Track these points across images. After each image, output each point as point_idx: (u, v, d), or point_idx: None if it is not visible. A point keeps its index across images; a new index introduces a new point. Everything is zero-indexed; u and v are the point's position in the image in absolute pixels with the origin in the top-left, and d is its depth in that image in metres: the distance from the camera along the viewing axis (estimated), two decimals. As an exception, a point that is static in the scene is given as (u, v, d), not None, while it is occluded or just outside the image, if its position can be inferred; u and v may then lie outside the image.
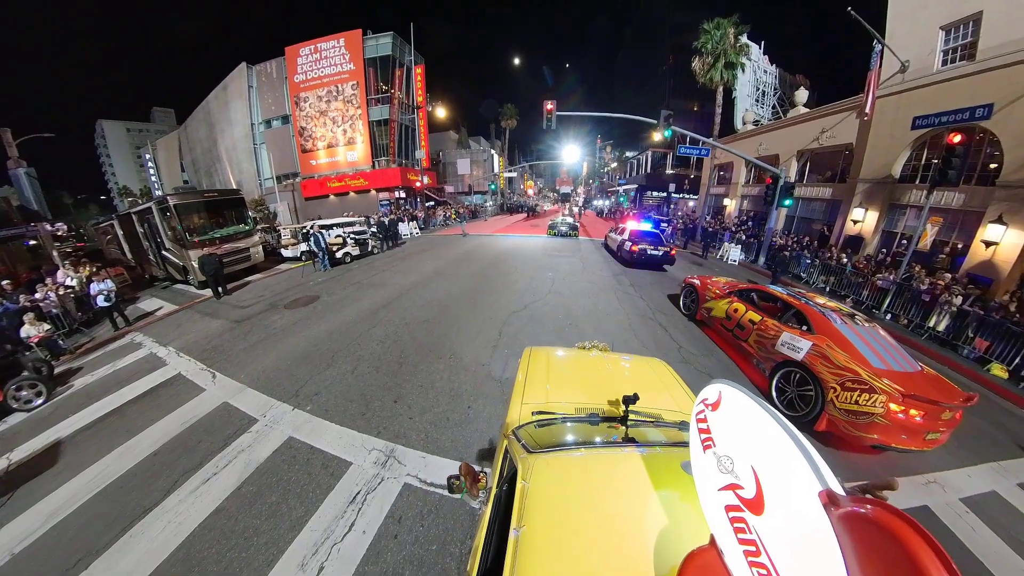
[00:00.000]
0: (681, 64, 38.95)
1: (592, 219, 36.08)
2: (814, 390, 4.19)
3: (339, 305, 7.97)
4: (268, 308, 8.24)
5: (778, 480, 0.76)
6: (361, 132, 27.26)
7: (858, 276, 9.78)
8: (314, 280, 10.59)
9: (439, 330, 6.27)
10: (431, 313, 7.18)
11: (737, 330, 5.78)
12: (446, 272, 11.09)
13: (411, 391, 4.37)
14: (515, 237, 20.27)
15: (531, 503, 1.24)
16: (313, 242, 11.64)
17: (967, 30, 8.99)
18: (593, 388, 2.53)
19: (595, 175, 59.17)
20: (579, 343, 3.45)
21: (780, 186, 11.42)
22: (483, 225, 27.56)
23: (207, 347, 6.30)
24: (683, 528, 1.11)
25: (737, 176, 20.53)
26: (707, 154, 13.55)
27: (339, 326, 6.65)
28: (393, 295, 8.57)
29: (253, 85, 29.86)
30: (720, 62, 18.82)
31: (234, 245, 11.18)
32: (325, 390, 4.52)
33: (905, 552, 0.56)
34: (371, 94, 26.81)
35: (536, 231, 23.24)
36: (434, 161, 40.53)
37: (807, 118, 14.93)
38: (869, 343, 4.17)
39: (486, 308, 7.53)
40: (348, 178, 28.15)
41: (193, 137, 38.05)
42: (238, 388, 4.80)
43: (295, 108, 28.22)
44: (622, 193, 43.86)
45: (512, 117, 47.15)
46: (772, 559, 0.75)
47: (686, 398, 2.49)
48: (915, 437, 3.52)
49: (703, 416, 1.01)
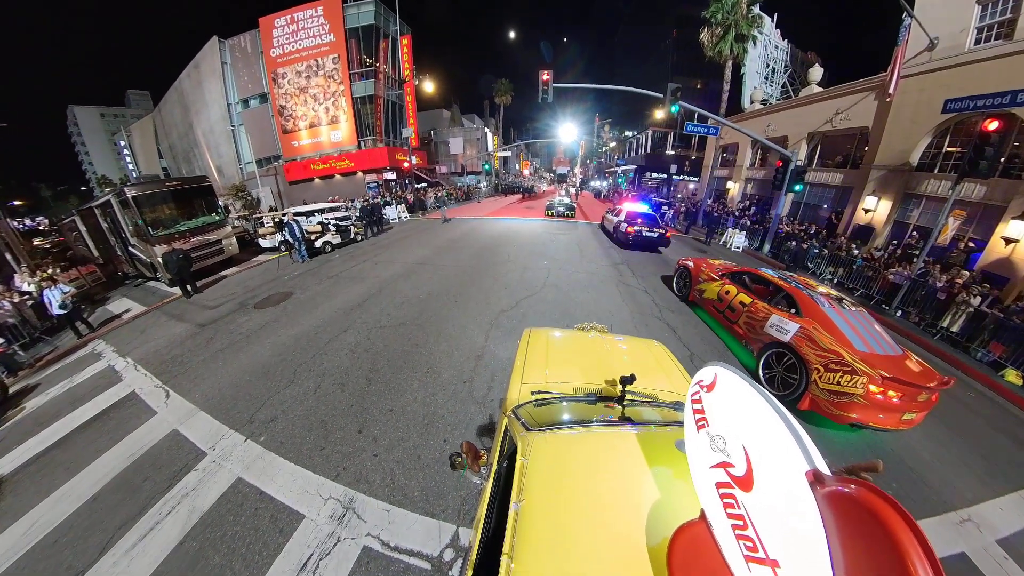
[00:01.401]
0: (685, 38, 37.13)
1: (589, 200, 35.19)
2: (799, 370, 4.39)
3: (311, 304, 7.47)
4: (237, 308, 7.72)
5: (768, 459, 0.81)
6: (344, 110, 25.88)
7: (869, 269, 9.37)
8: (290, 273, 10.02)
9: (417, 336, 5.77)
10: (409, 313, 6.66)
11: (728, 312, 5.98)
12: (432, 262, 10.51)
13: (378, 417, 3.92)
14: (509, 220, 19.52)
15: (530, 478, 1.30)
16: (288, 232, 10.92)
17: (1006, 6, 8.25)
18: (591, 369, 2.60)
19: (593, 155, 57.70)
20: (578, 324, 3.50)
21: (791, 170, 10.75)
22: (476, 207, 26.46)
23: (167, 357, 5.85)
24: (675, 503, 1.17)
25: (742, 158, 19.77)
26: (716, 133, 12.77)
27: (308, 330, 6.17)
28: (371, 290, 8.05)
29: (227, 62, 28.07)
30: (730, 34, 17.71)
31: (204, 238, 10.51)
32: (283, 415, 4.08)
33: (884, 530, 0.59)
34: (354, 68, 25.30)
35: (532, 213, 22.45)
36: (425, 140, 39.05)
37: (821, 98, 14.08)
38: (854, 327, 4.38)
39: (472, 306, 7.00)
40: (333, 160, 26.97)
41: (168, 121, 36.11)
42: (190, 411, 4.37)
43: (273, 85, 26.67)
44: (620, 174, 42.76)
45: (507, 93, 45.29)
46: (758, 533, 0.81)
47: (682, 379, 2.57)
48: (892, 417, 3.75)
49: (698, 397, 1.06)
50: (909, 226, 10.72)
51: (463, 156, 39.40)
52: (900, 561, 0.57)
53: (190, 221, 10.39)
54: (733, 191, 20.63)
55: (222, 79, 28.03)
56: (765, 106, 18.71)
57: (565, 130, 40.76)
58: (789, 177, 10.82)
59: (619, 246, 12.95)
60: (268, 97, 27.32)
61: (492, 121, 50.23)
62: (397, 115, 28.06)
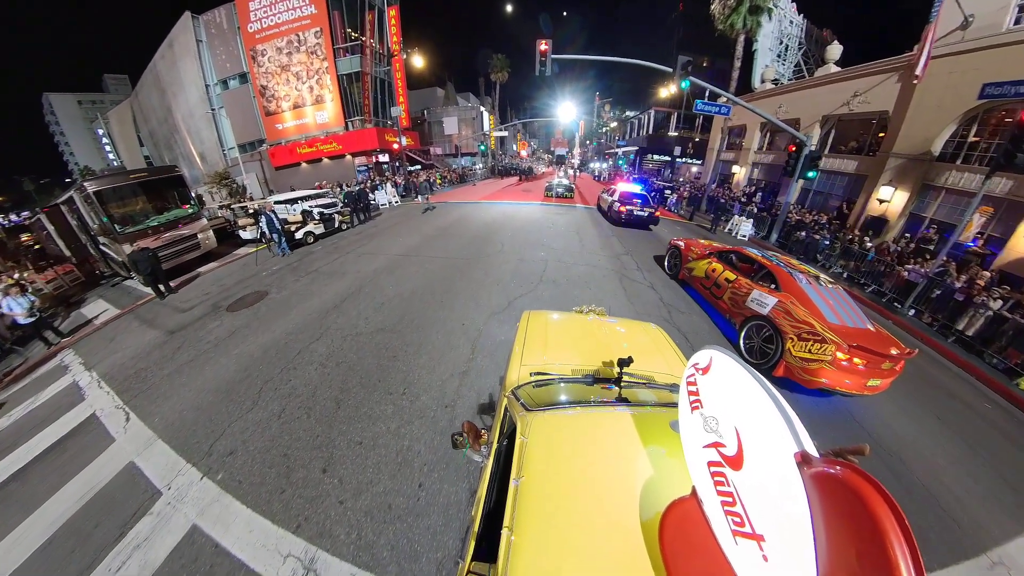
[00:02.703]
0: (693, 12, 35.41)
1: (588, 182, 34.39)
2: (775, 340, 4.79)
3: (286, 305, 7.10)
4: (209, 311, 7.35)
5: (759, 440, 0.85)
6: (330, 88, 24.71)
7: (881, 264, 9.01)
8: (269, 269, 9.58)
9: (395, 345, 5.38)
10: (389, 317, 6.26)
11: (714, 288, 6.41)
12: (419, 253, 10.06)
13: (346, 452, 3.60)
14: (505, 205, 18.89)
15: (529, 456, 1.38)
16: (265, 224, 10.33)
17: (1053, -19, 7.57)
18: (589, 351, 2.66)
19: (592, 135, 56.24)
20: (576, 307, 3.54)
21: (804, 155, 10.16)
22: (470, 191, 25.67)
23: (131, 371, 5.53)
24: (667, 480, 1.24)
25: (750, 141, 19.05)
26: (727, 113, 12.06)
27: (278, 338, 5.80)
28: (350, 289, 7.64)
29: (202, 39, 26.55)
30: (744, 5, 16.61)
31: (177, 233, 10.00)
32: (243, 446, 3.77)
33: (867, 510, 0.63)
34: (338, 43, 24.00)
35: (529, 196, 21.77)
36: (418, 120, 37.73)
37: (838, 78, 13.34)
38: (828, 301, 4.76)
39: (460, 306, 6.61)
40: (319, 143, 25.97)
41: (146, 106, 34.48)
42: (148, 439, 4.07)
43: (252, 64, 25.35)
44: (621, 155, 41.76)
45: (503, 69, 43.50)
46: (746, 509, 0.87)
47: (678, 362, 2.65)
48: (857, 382, 4.15)
49: (693, 379, 1.12)
50: (926, 219, 10.28)
51: (458, 136, 38.15)
52: (880, 540, 0.60)
53: (161, 215, 9.86)
54: (739, 175, 20.00)
55: (198, 58, 26.60)
56: (777, 86, 17.86)
57: (564, 109, 39.42)
58: (802, 163, 10.25)
59: (612, 223, 14.13)
60: (248, 77, 26.04)
61: (488, 100, 48.49)
62: (386, 93, 26.86)
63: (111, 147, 40.67)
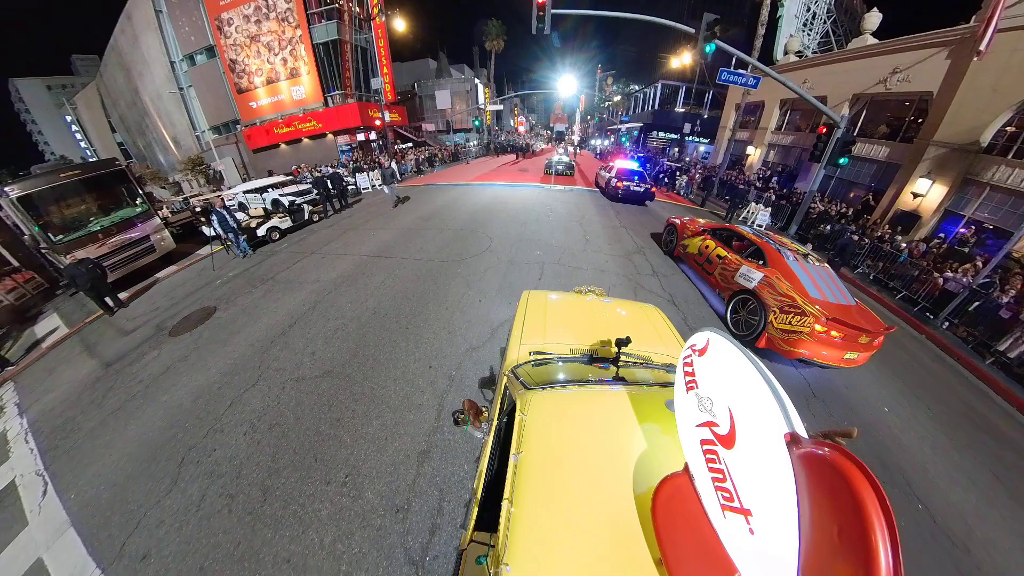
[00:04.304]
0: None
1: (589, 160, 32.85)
2: (759, 313, 5.10)
3: (229, 330, 6.27)
4: (152, 334, 6.62)
5: (751, 420, 0.91)
6: (305, 60, 22.95)
7: (915, 268, 8.15)
8: (225, 275, 8.70)
9: (341, 400, 4.45)
10: (340, 352, 5.31)
11: (706, 264, 6.77)
12: (391, 253, 9.03)
13: (271, 574, 2.87)
14: (498, 187, 17.63)
15: (528, 433, 1.47)
16: (217, 222, 9.25)
17: None
18: (588, 330, 2.75)
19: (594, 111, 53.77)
20: (576, 287, 3.62)
21: (837, 139, 8.94)
22: (462, 171, 24.05)
23: (59, 421, 4.88)
24: (661, 457, 1.34)
25: (767, 119, 17.70)
26: (755, 85, 10.61)
27: (212, 381, 5.03)
28: (303, 306, 6.74)
29: (162, 9, 24.42)
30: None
31: (125, 237, 9.08)
32: (156, 548, 3.13)
33: (850, 489, 0.68)
34: (311, 7, 22.03)
35: (526, 177, 20.44)
36: (408, 95, 35.67)
37: (876, 51, 11.90)
38: (812, 277, 5.02)
39: (428, 337, 5.57)
40: (298, 121, 24.45)
41: (113, 88, 32.34)
42: (61, 526, 3.44)
43: (219, 35, 23.44)
44: (624, 132, 39.87)
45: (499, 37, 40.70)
46: (736, 485, 0.94)
47: (675, 342, 2.77)
48: (835, 354, 4.47)
49: (690, 360, 1.18)
50: (964, 218, 9.33)
51: (451, 111, 36.16)
52: (861, 517, 0.65)
53: (105, 218, 8.94)
54: (753, 157, 18.76)
55: (159, 31, 24.58)
56: (801, 59, 16.28)
57: (564, 83, 37.19)
58: (833, 147, 9.03)
59: (609, 199, 14.79)
60: (215, 50, 24.15)
61: (483, 72, 45.79)
62: (368, 64, 24.99)
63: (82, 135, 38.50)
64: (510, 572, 1.11)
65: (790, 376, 5.04)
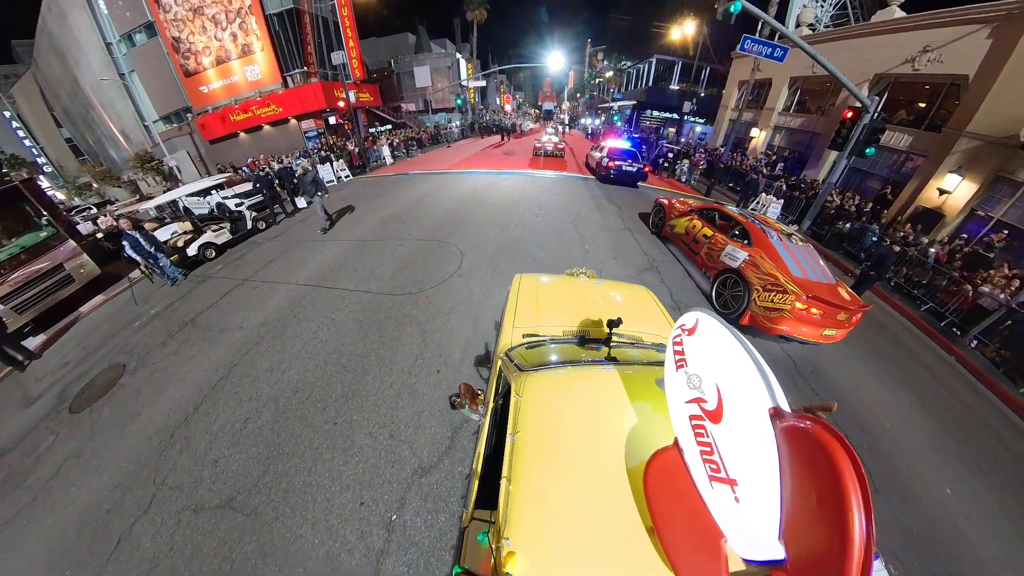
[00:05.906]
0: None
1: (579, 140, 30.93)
2: (743, 292, 5.32)
3: (130, 409, 4.94)
4: (53, 408, 5.33)
5: (737, 396, 0.99)
6: (257, 34, 20.69)
7: (943, 276, 7.14)
8: (146, 312, 7.31)
9: (244, 554, 3.08)
10: (247, 464, 3.83)
11: (693, 244, 6.88)
12: (333, 282, 7.28)
13: None
14: (479, 175, 16.00)
15: (523, 413, 1.58)
16: (130, 248, 7.63)
17: None
18: (580, 312, 2.89)
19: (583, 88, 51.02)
20: (568, 270, 3.90)
21: (864, 125, 7.63)
22: (441, 155, 21.98)
23: None
24: (652, 433, 1.44)
25: (774, 99, 16.09)
26: (782, 58, 9.22)
27: (101, 497, 3.80)
28: (216, 374, 5.22)
29: (87, -23, 21.72)
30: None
31: (31, 269, 7.73)
32: None
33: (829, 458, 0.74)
34: (258, -26, 19.59)
35: (511, 163, 18.69)
36: (385, 72, 33.02)
37: (903, 26, 10.39)
38: (795, 257, 5.26)
39: (363, 443, 3.92)
40: (255, 106, 22.39)
41: (51, 77, 29.36)
42: None
43: (157, 9, 20.96)
44: (616, 110, 37.71)
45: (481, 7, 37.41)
46: (722, 457, 1.01)
47: (665, 323, 2.95)
48: (814, 331, 4.80)
49: (679, 339, 1.24)
50: (992, 220, 8.23)
51: (431, 89, 33.67)
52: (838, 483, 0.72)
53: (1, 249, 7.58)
54: (757, 140, 17.22)
55: (88, 8, 21.96)
56: (814, 32, 14.47)
57: (552, 58, 34.56)
58: (861, 135, 7.70)
59: (600, 181, 14.59)
60: (156, 28, 21.69)
61: (466, 47, 42.61)
62: (333, 37, 22.61)
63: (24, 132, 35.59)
64: (510, 546, 1.22)
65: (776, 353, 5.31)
